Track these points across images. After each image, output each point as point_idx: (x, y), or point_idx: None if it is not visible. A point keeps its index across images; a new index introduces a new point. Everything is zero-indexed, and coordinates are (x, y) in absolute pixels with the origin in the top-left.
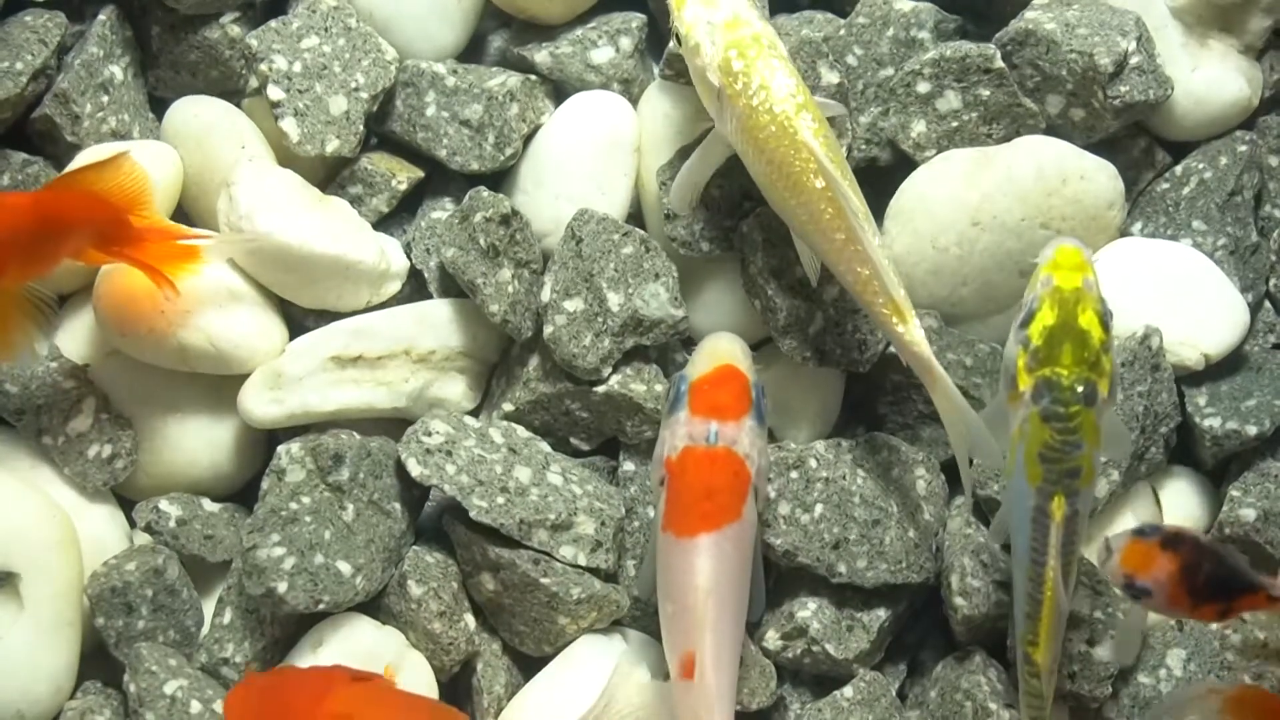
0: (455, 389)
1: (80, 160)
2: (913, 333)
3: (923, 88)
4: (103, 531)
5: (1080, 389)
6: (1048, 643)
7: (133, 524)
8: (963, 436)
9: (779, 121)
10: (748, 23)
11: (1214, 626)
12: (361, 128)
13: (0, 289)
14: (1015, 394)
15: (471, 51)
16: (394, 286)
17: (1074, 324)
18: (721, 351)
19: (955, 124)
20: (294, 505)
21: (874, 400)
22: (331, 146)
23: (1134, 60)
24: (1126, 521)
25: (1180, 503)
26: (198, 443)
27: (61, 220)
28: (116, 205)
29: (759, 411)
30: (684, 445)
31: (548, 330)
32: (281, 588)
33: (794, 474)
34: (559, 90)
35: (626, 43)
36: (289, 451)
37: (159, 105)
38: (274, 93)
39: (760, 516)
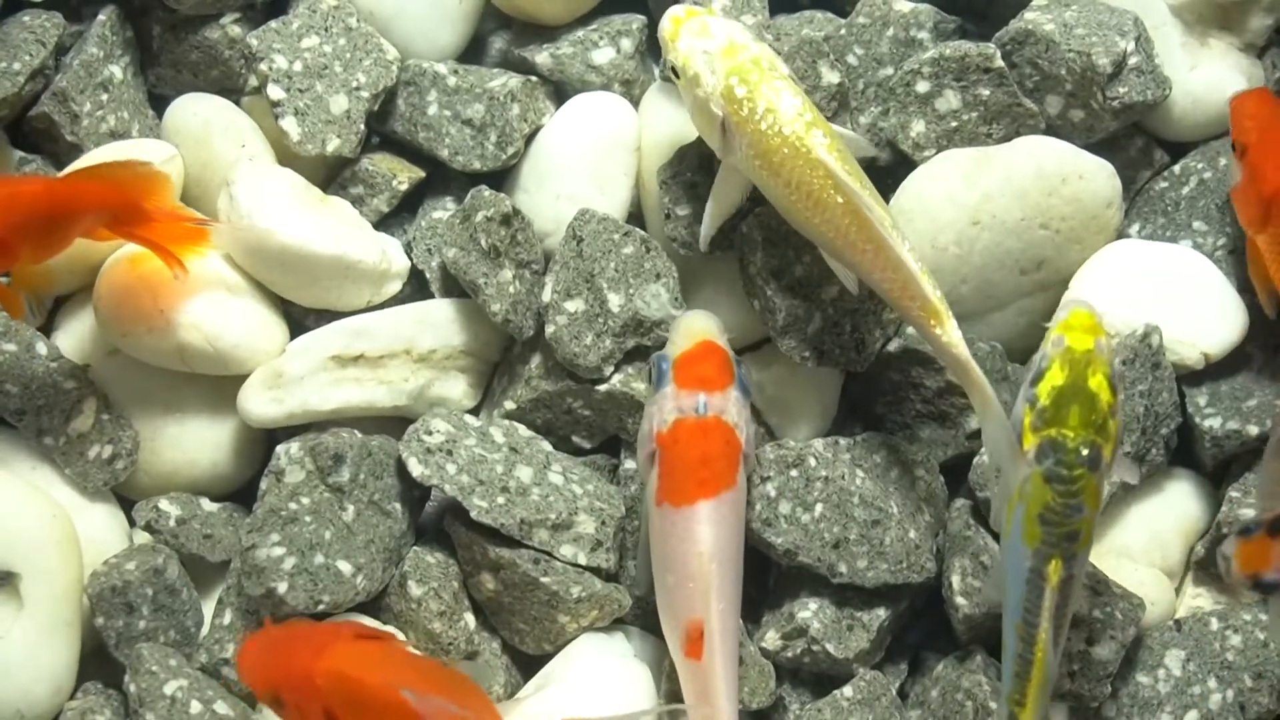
0: (456, 388)
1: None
2: (950, 334)
3: (922, 87)
4: (103, 531)
5: (1085, 452)
6: (1034, 704)
7: (132, 523)
8: (997, 440)
9: (791, 143)
10: (744, 47)
11: (1214, 626)
12: (362, 127)
13: (15, 265)
14: (1019, 452)
15: (472, 53)
16: (395, 286)
17: (1083, 386)
18: (698, 329)
19: (955, 124)
20: (293, 505)
21: (872, 400)
22: (332, 146)
23: (1132, 60)
24: (1131, 520)
25: (1180, 504)
26: (197, 442)
27: (74, 206)
28: (129, 191)
29: (742, 382)
30: (674, 418)
31: (549, 330)
32: (281, 588)
33: (794, 472)
34: (560, 91)
35: (627, 44)
36: (288, 452)
37: (159, 103)
38: (274, 92)
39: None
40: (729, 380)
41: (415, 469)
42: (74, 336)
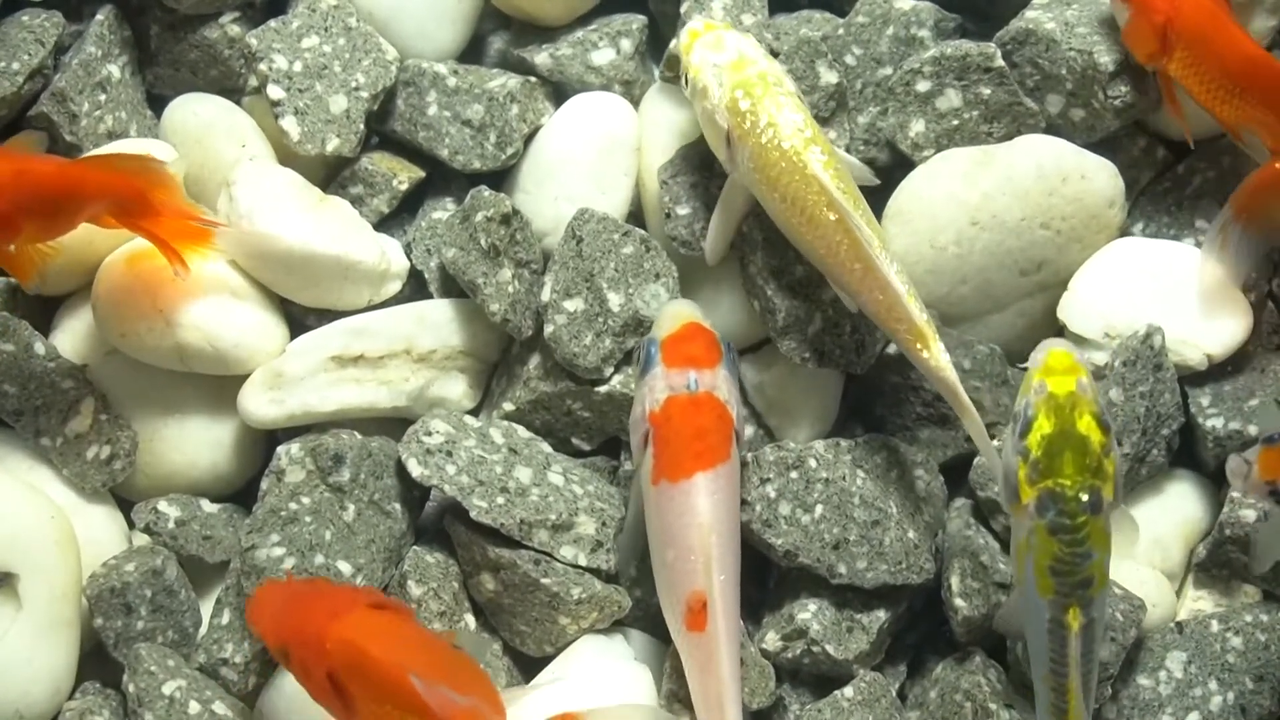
0: (456, 388)
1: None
2: (938, 358)
3: (922, 86)
4: (101, 532)
5: (1085, 498)
6: None
7: (131, 524)
8: (990, 458)
9: (788, 157)
10: (753, 62)
11: (1215, 628)
12: (362, 127)
13: (16, 241)
14: (1018, 506)
15: (471, 53)
16: (394, 287)
17: (1072, 431)
18: (683, 313)
19: (955, 122)
20: (294, 505)
21: (872, 401)
22: (332, 145)
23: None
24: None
25: (1181, 505)
26: (197, 443)
27: (83, 190)
28: (139, 182)
29: (730, 361)
30: (666, 396)
31: (548, 330)
32: None
33: (794, 474)
34: (559, 91)
35: (627, 44)
36: (288, 452)
37: (157, 103)
38: (274, 92)
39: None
40: (717, 358)
41: (415, 469)
42: (72, 336)
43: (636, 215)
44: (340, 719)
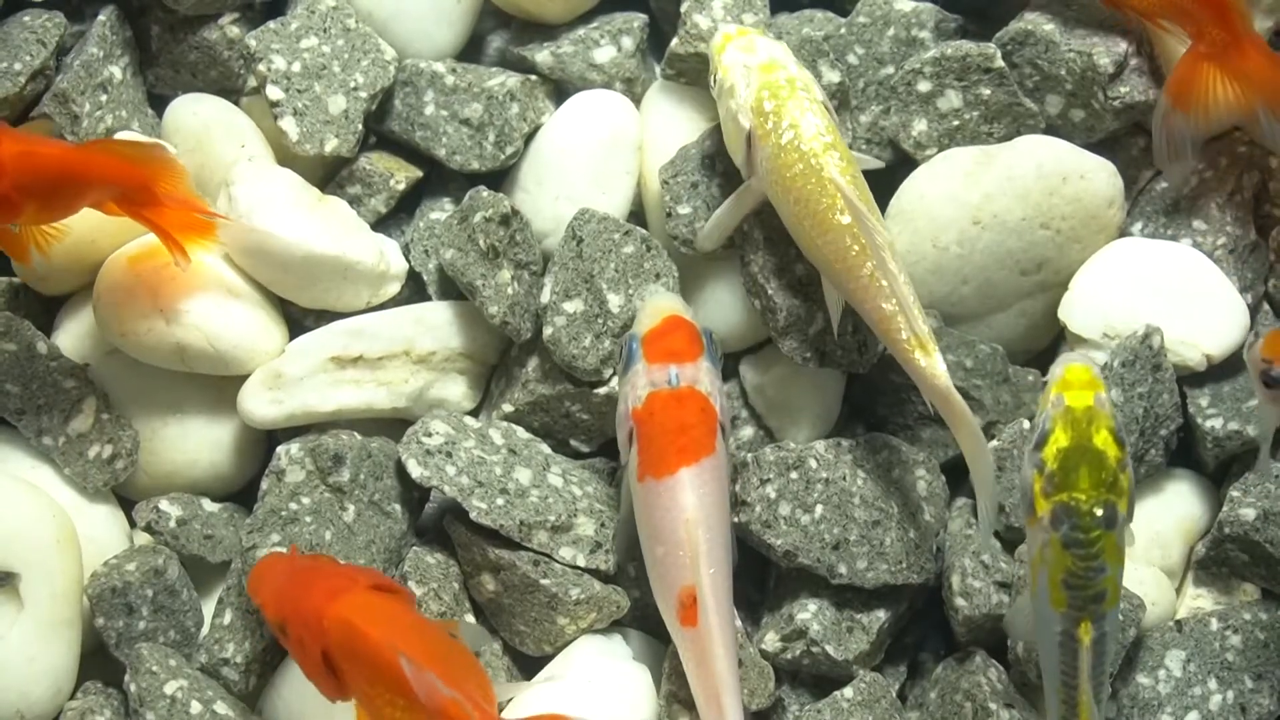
0: (455, 390)
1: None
2: (935, 366)
3: (923, 87)
4: (103, 531)
5: (1100, 513)
6: None
7: (133, 524)
8: (984, 472)
9: (806, 160)
10: (783, 66)
11: (1214, 626)
12: (360, 127)
13: (18, 221)
14: (1033, 519)
15: (470, 52)
16: (393, 288)
17: (1089, 445)
18: (664, 306)
19: (956, 123)
20: (294, 506)
21: (874, 401)
22: (330, 146)
23: (1134, 61)
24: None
25: (1181, 504)
26: (198, 443)
27: (86, 175)
28: (144, 172)
29: (712, 353)
30: (648, 392)
31: (547, 332)
32: None
33: (794, 474)
34: (560, 90)
35: (628, 42)
36: (288, 452)
37: (158, 103)
38: (273, 92)
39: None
40: (699, 351)
41: (415, 470)
42: (74, 336)
43: (638, 215)
44: (333, 697)
